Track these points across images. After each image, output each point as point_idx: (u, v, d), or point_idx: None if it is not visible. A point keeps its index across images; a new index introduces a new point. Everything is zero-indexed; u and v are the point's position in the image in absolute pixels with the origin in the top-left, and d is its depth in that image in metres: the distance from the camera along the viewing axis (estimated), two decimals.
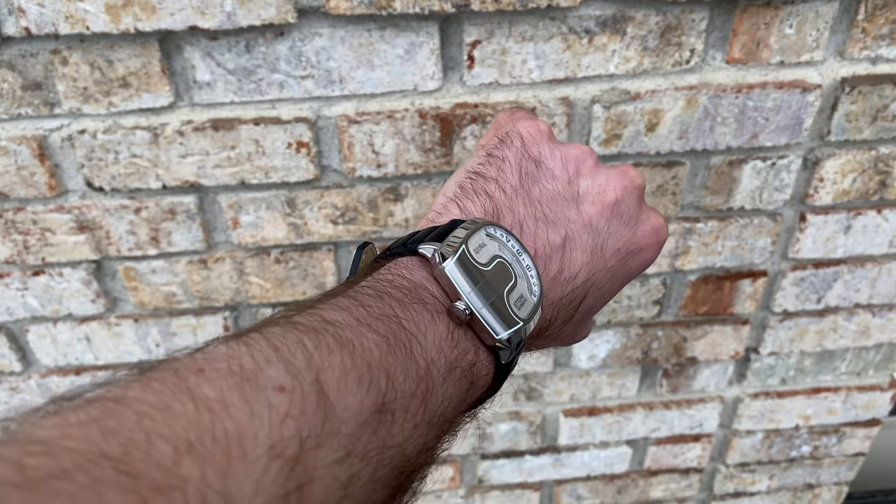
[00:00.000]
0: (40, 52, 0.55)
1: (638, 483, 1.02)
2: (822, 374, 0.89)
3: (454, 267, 0.26)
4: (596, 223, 0.32)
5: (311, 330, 0.21)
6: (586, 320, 0.34)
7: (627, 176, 0.34)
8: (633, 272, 0.34)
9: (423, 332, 0.24)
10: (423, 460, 0.23)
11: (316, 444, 0.17)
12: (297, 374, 0.19)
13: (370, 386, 0.20)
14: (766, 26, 0.59)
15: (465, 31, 0.57)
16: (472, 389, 0.26)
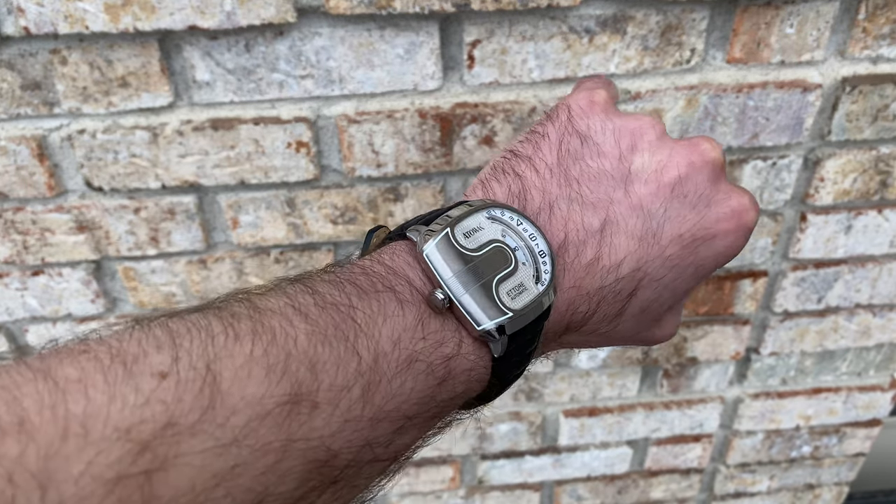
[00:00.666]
0: (39, 52, 0.55)
1: (638, 483, 1.02)
2: (822, 374, 0.89)
3: (434, 250, 0.25)
4: (648, 205, 0.28)
5: (230, 317, 0.20)
6: (651, 317, 0.30)
7: (696, 149, 0.29)
8: (707, 263, 0.29)
9: (378, 323, 0.23)
10: (369, 456, 0.22)
11: (189, 432, 0.17)
12: (183, 361, 0.18)
13: (283, 376, 0.19)
14: (766, 26, 0.59)
15: (465, 31, 0.56)
16: (449, 384, 0.24)
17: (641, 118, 0.30)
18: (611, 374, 0.86)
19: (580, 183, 0.29)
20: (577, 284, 0.28)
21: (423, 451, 0.91)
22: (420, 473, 0.95)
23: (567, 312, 0.28)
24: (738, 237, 0.29)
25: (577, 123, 0.30)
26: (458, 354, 0.25)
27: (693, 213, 0.28)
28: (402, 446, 0.24)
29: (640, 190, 0.28)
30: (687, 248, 0.28)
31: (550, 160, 0.29)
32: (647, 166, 0.29)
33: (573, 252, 0.28)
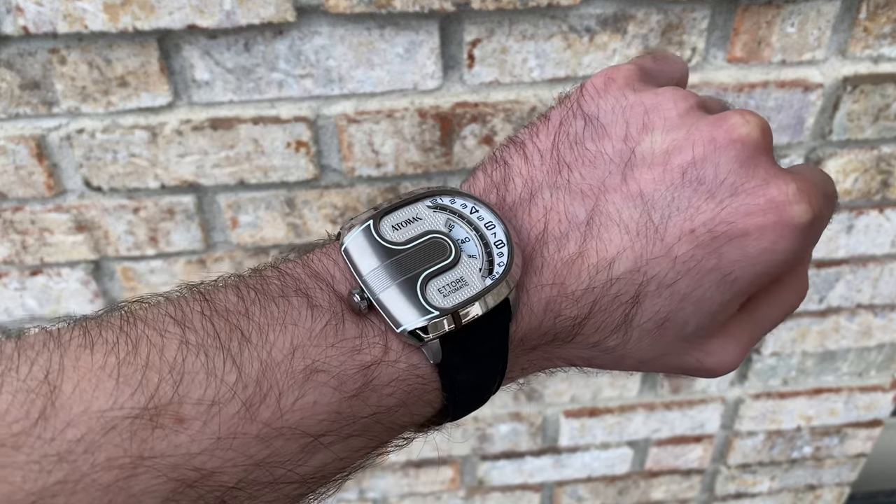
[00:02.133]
0: (38, 52, 0.55)
1: (639, 484, 1.02)
2: (823, 374, 0.89)
3: (353, 244, 0.23)
4: (649, 192, 0.23)
5: (97, 326, 0.20)
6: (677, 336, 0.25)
7: (722, 125, 0.23)
8: (739, 272, 0.23)
9: (272, 332, 0.20)
10: (266, 478, 0.20)
11: (12, 444, 0.16)
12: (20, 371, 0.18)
13: (137, 389, 0.18)
14: (767, 25, 0.59)
15: (465, 30, 0.56)
16: (370, 397, 0.22)
17: (664, 92, 0.25)
18: (611, 374, 0.86)
19: (572, 169, 0.25)
20: (558, 282, 0.24)
21: (423, 452, 0.91)
22: (420, 474, 0.95)
23: (548, 315, 0.24)
24: (779, 239, 0.22)
25: (585, 104, 0.26)
26: (381, 362, 0.22)
27: (710, 203, 0.23)
28: (317, 468, 0.21)
29: (643, 175, 0.24)
30: (704, 248, 0.23)
31: (544, 145, 0.26)
32: (658, 147, 0.24)
33: (553, 246, 0.24)
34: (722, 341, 0.25)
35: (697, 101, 0.25)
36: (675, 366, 0.26)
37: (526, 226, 0.25)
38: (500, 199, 0.25)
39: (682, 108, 0.24)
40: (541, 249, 0.24)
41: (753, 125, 0.23)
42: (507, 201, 0.25)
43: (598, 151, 0.25)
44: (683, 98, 0.25)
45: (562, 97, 0.27)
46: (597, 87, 0.26)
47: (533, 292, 0.24)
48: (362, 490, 0.95)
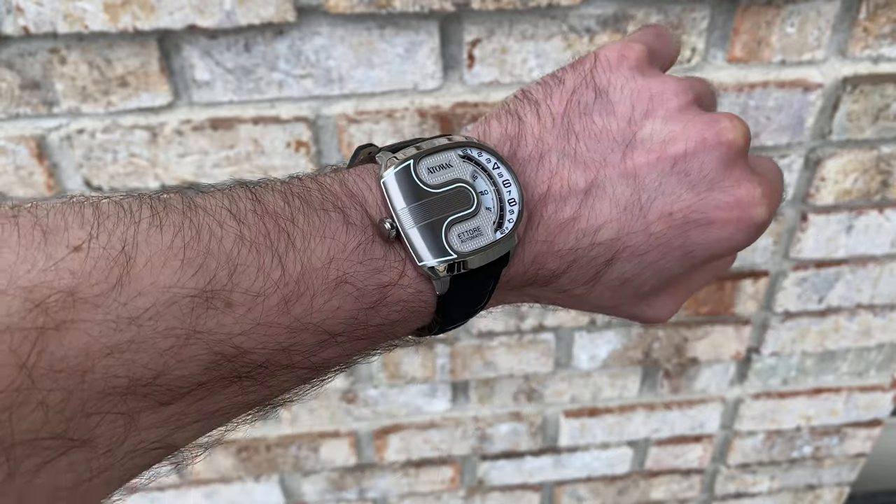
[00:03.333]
0: (38, 52, 0.55)
1: (639, 484, 1.02)
2: (823, 374, 0.89)
3: (392, 179, 0.25)
4: (643, 176, 0.27)
5: (163, 208, 0.22)
6: (633, 292, 0.29)
7: (713, 127, 0.27)
8: (698, 251, 0.27)
9: (314, 240, 0.23)
10: (285, 361, 0.23)
11: (92, 303, 0.18)
12: (101, 239, 0.20)
13: (198, 271, 0.20)
14: (767, 25, 0.59)
15: (465, 30, 0.56)
16: (382, 311, 0.25)
17: (668, 82, 0.28)
18: (611, 374, 0.86)
19: (579, 139, 0.27)
20: (549, 240, 0.27)
21: (423, 452, 0.91)
22: (420, 474, 0.95)
23: (533, 265, 0.27)
24: (738, 230, 0.27)
25: (598, 76, 0.28)
26: (396, 284, 0.25)
27: (690, 193, 0.27)
28: (326, 359, 0.24)
29: (639, 158, 0.27)
30: (676, 229, 0.27)
31: (557, 109, 0.28)
32: (655, 135, 0.27)
33: (552, 207, 0.27)
34: (663, 299, 0.30)
35: (695, 95, 0.28)
36: (623, 313, 0.31)
37: (532, 184, 0.27)
38: (511, 153, 0.28)
39: (682, 101, 0.28)
40: (541, 209, 0.27)
41: (739, 132, 0.27)
42: (518, 156, 0.28)
43: (604, 127, 0.27)
44: (684, 91, 0.28)
45: (575, 62, 0.29)
46: (610, 61, 0.28)
47: (526, 245, 0.27)
48: (362, 490, 0.95)
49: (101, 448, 0.19)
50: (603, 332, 0.81)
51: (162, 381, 0.20)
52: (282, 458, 0.89)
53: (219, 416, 0.23)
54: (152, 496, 0.91)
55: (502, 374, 0.83)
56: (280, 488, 0.93)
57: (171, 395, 0.20)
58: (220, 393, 0.22)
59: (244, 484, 0.91)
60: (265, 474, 0.91)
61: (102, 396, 0.19)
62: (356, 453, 0.90)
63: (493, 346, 0.80)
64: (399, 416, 0.87)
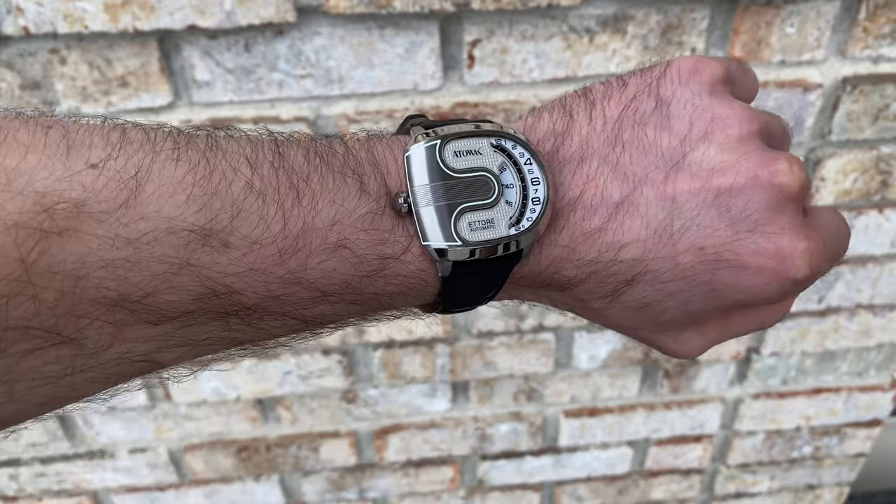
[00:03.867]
0: (39, 52, 0.55)
1: (639, 484, 1.02)
2: (823, 374, 0.89)
3: (417, 155, 0.25)
4: (682, 201, 0.25)
5: (185, 143, 0.22)
6: (653, 319, 0.28)
7: (769, 166, 0.25)
8: (725, 292, 0.26)
9: (322, 200, 0.23)
10: (276, 309, 0.23)
11: (96, 217, 0.20)
12: (118, 162, 0.21)
13: (202, 209, 0.21)
14: (767, 25, 0.59)
15: (465, 31, 0.56)
16: (378, 281, 0.25)
17: (736, 107, 0.26)
18: (611, 374, 0.86)
19: (625, 148, 0.26)
20: (570, 246, 0.26)
21: (423, 452, 0.91)
22: (420, 474, 0.95)
23: (549, 268, 0.27)
24: (771, 282, 0.25)
25: (663, 85, 0.27)
26: (398, 258, 0.25)
27: (728, 230, 0.25)
28: (318, 314, 0.25)
29: (682, 182, 0.25)
30: (705, 265, 0.25)
31: (611, 113, 0.27)
32: (706, 161, 0.25)
33: (580, 214, 0.26)
34: (690, 335, 0.29)
35: (761, 126, 0.27)
36: (642, 339, 0.30)
37: (565, 186, 0.27)
38: (553, 149, 0.27)
39: (744, 130, 0.26)
40: (569, 213, 0.26)
41: (795, 177, 0.25)
42: (560, 154, 0.27)
43: (655, 142, 0.26)
44: (749, 120, 0.26)
45: (646, 67, 0.28)
46: (681, 72, 0.27)
47: (545, 247, 0.27)
48: (362, 490, 0.95)
49: (88, 349, 0.21)
50: (603, 332, 0.81)
51: (150, 301, 0.21)
52: (282, 458, 0.89)
53: (205, 345, 0.24)
54: (153, 496, 0.91)
55: (502, 374, 0.83)
56: (280, 488, 0.93)
57: (158, 316, 0.21)
58: (207, 324, 0.23)
59: (244, 484, 0.92)
60: (265, 474, 0.91)
61: (93, 303, 0.20)
62: (356, 453, 0.90)
63: (493, 346, 0.80)
64: (399, 416, 0.87)
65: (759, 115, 0.27)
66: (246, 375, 0.79)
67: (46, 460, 0.85)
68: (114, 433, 0.83)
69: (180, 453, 0.87)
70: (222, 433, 0.85)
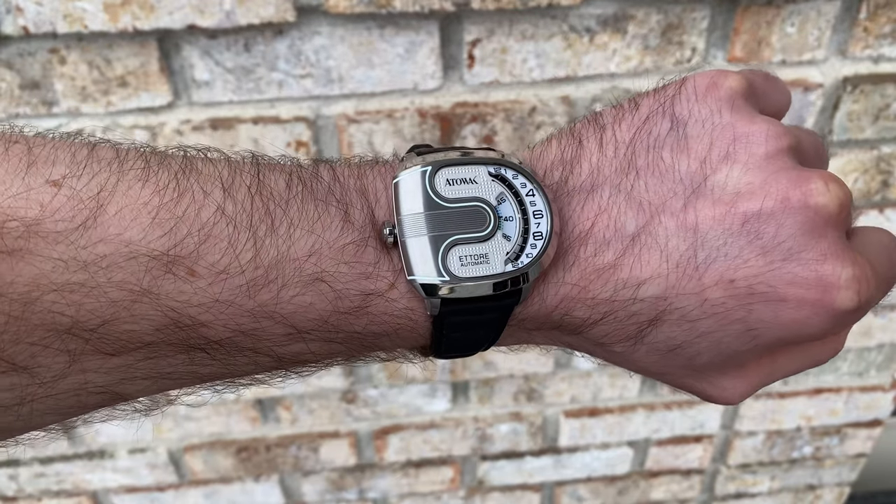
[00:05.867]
0: (38, 51, 0.55)
1: (639, 484, 1.02)
2: (823, 374, 0.89)
3: (406, 181, 0.23)
4: (705, 230, 0.23)
5: (157, 163, 0.21)
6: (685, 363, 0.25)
7: (802, 186, 0.22)
8: (764, 331, 0.23)
9: (300, 230, 0.22)
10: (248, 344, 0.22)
11: (53, 238, 0.19)
12: (81, 181, 0.20)
13: (167, 235, 0.20)
14: (767, 25, 0.59)
15: (465, 30, 0.56)
16: (361, 319, 0.23)
17: (760, 123, 0.24)
18: (611, 374, 0.86)
19: (640, 175, 0.24)
20: (581, 284, 0.24)
21: (423, 452, 0.91)
22: (420, 474, 0.95)
23: (559, 309, 0.24)
24: (813, 316, 0.22)
25: (678, 104, 0.25)
26: (383, 295, 0.23)
27: (760, 260, 0.22)
28: (295, 353, 0.23)
29: (704, 210, 0.23)
30: (737, 300, 0.23)
31: (623, 137, 0.25)
32: (729, 184, 0.23)
33: (591, 248, 0.24)
34: (732, 379, 0.26)
35: (791, 142, 0.24)
36: (678, 384, 0.27)
37: (574, 218, 0.24)
38: (562, 179, 0.25)
39: (771, 148, 0.23)
40: (578, 248, 0.24)
41: (833, 196, 0.23)
42: (569, 184, 0.25)
43: (672, 166, 0.24)
44: (777, 137, 0.23)
45: (659, 87, 0.26)
46: (698, 89, 0.25)
47: (552, 285, 0.24)
48: (362, 490, 0.95)
49: (41, 378, 0.20)
50: None
51: (107, 330, 0.20)
52: (282, 458, 0.89)
53: (171, 379, 0.22)
54: (153, 496, 0.91)
55: (502, 374, 0.83)
56: (280, 488, 0.93)
57: (116, 347, 0.20)
58: (171, 358, 0.21)
59: (244, 484, 0.91)
60: (265, 474, 0.91)
61: (45, 329, 0.19)
62: (356, 453, 0.90)
63: None
64: (399, 417, 0.87)
65: (787, 130, 0.24)
66: None
67: (46, 460, 0.85)
68: (113, 433, 0.83)
69: (180, 453, 0.87)
70: (222, 433, 0.85)
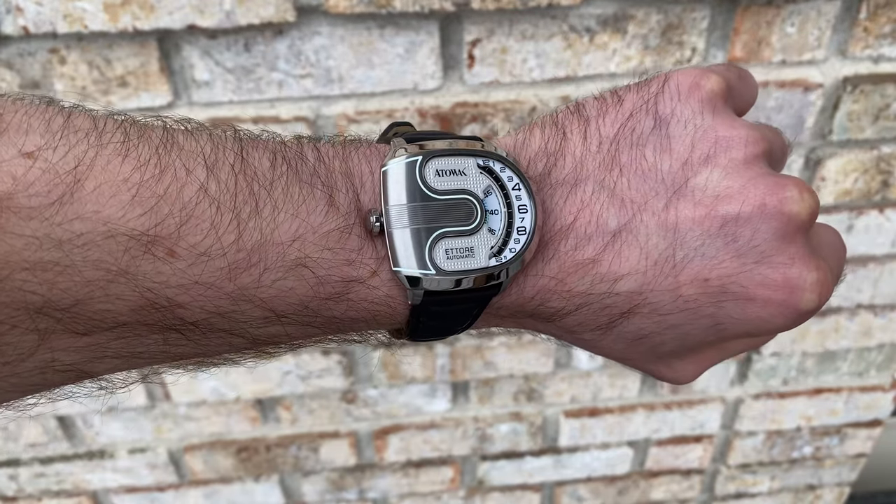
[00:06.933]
0: (38, 51, 0.55)
1: (639, 484, 1.02)
2: (823, 374, 0.89)
3: (394, 171, 0.23)
4: (684, 230, 0.24)
5: (137, 136, 0.20)
6: (647, 349, 0.26)
7: (777, 193, 0.24)
8: (730, 326, 0.25)
9: (283, 212, 0.21)
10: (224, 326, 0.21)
11: (26, 213, 0.18)
12: (57, 152, 0.19)
13: (147, 213, 0.19)
14: (767, 25, 0.59)
15: (465, 30, 0.56)
16: (341, 305, 0.23)
17: (739, 128, 0.25)
18: (611, 374, 0.86)
19: (623, 172, 0.24)
20: (559, 277, 0.24)
21: (423, 452, 0.91)
22: (420, 474, 0.95)
23: (534, 300, 0.25)
24: (779, 313, 0.24)
25: (662, 103, 0.25)
26: (365, 282, 0.23)
27: (735, 262, 0.24)
28: (269, 335, 0.23)
29: (685, 210, 0.24)
30: (709, 297, 0.24)
31: (607, 132, 0.25)
32: (709, 187, 0.24)
33: (572, 243, 0.24)
34: (687, 363, 0.27)
35: (766, 147, 0.25)
36: (635, 367, 0.28)
37: (556, 212, 0.25)
38: (545, 172, 0.25)
39: (749, 153, 0.24)
40: (558, 242, 0.24)
41: (806, 205, 0.24)
42: (552, 177, 0.25)
43: (654, 165, 0.24)
44: (755, 142, 0.25)
45: (642, 81, 0.27)
46: (681, 89, 0.25)
47: (531, 277, 0.25)
48: (362, 490, 0.95)
49: (6, 356, 0.19)
50: None
51: (80, 309, 0.19)
52: (282, 458, 0.89)
53: (142, 358, 0.22)
54: (153, 496, 0.91)
55: (502, 374, 0.83)
56: (280, 488, 0.93)
57: (88, 327, 0.19)
58: (144, 338, 0.21)
59: (244, 484, 0.91)
60: (265, 474, 0.91)
61: (14, 308, 0.18)
62: (356, 453, 0.90)
63: (493, 346, 0.80)
64: (399, 417, 0.87)
65: (762, 135, 0.25)
66: (245, 375, 0.79)
67: (46, 460, 0.85)
68: (113, 433, 0.83)
69: (180, 453, 0.86)
70: (222, 433, 0.85)
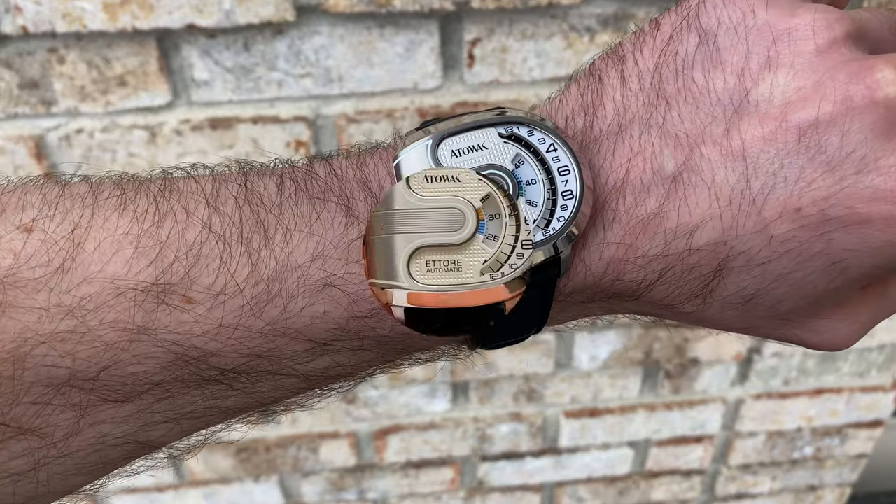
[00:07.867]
0: (37, 51, 0.54)
1: (639, 485, 1.02)
2: (824, 375, 0.89)
3: (407, 159, 0.21)
4: (754, 154, 0.19)
5: (134, 190, 0.20)
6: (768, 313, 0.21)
7: (864, 78, 0.18)
8: (851, 261, 0.19)
9: (297, 234, 0.20)
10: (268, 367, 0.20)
11: (32, 287, 0.17)
12: (54, 221, 0.18)
13: (152, 263, 0.18)
14: None
15: (465, 30, 0.56)
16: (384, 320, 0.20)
17: (804, 14, 0.20)
18: (612, 374, 0.85)
19: (671, 104, 0.20)
20: (627, 242, 0.20)
21: (423, 453, 0.91)
22: (420, 475, 0.95)
23: (607, 276, 0.21)
24: None
25: (704, 14, 0.21)
26: None
27: (828, 177, 0.19)
28: (322, 369, 0.21)
29: (750, 129, 0.19)
30: (809, 231, 0.19)
31: (645, 65, 0.21)
32: (777, 94, 0.19)
33: (631, 198, 0.20)
34: (832, 321, 0.22)
35: (848, 28, 0.20)
36: (771, 336, 0.23)
37: (606, 167, 0.21)
38: (586, 126, 0.22)
39: (822, 40, 0.19)
40: (615, 200, 0.21)
41: None
42: (594, 130, 0.22)
43: (706, 86, 0.20)
44: (828, 25, 0.20)
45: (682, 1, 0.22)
46: None
47: (594, 248, 0.21)
48: (362, 490, 0.95)
49: (52, 438, 0.18)
50: (604, 332, 0.80)
51: (109, 375, 0.18)
52: (281, 458, 0.89)
53: (194, 418, 0.21)
54: (152, 497, 0.91)
55: (502, 375, 0.83)
56: (279, 489, 0.93)
57: (125, 393, 0.19)
58: (186, 395, 0.20)
59: (244, 484, 0.91)
60: (265, 475, 0.91)
61: (42, 386, 0.17)
62: (356, 454, 0.90)
63: None
64: (399, 417, 0.87)
65: (841, 15, 0.20)
66: None
67: None
68: None
69: None
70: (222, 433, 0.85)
